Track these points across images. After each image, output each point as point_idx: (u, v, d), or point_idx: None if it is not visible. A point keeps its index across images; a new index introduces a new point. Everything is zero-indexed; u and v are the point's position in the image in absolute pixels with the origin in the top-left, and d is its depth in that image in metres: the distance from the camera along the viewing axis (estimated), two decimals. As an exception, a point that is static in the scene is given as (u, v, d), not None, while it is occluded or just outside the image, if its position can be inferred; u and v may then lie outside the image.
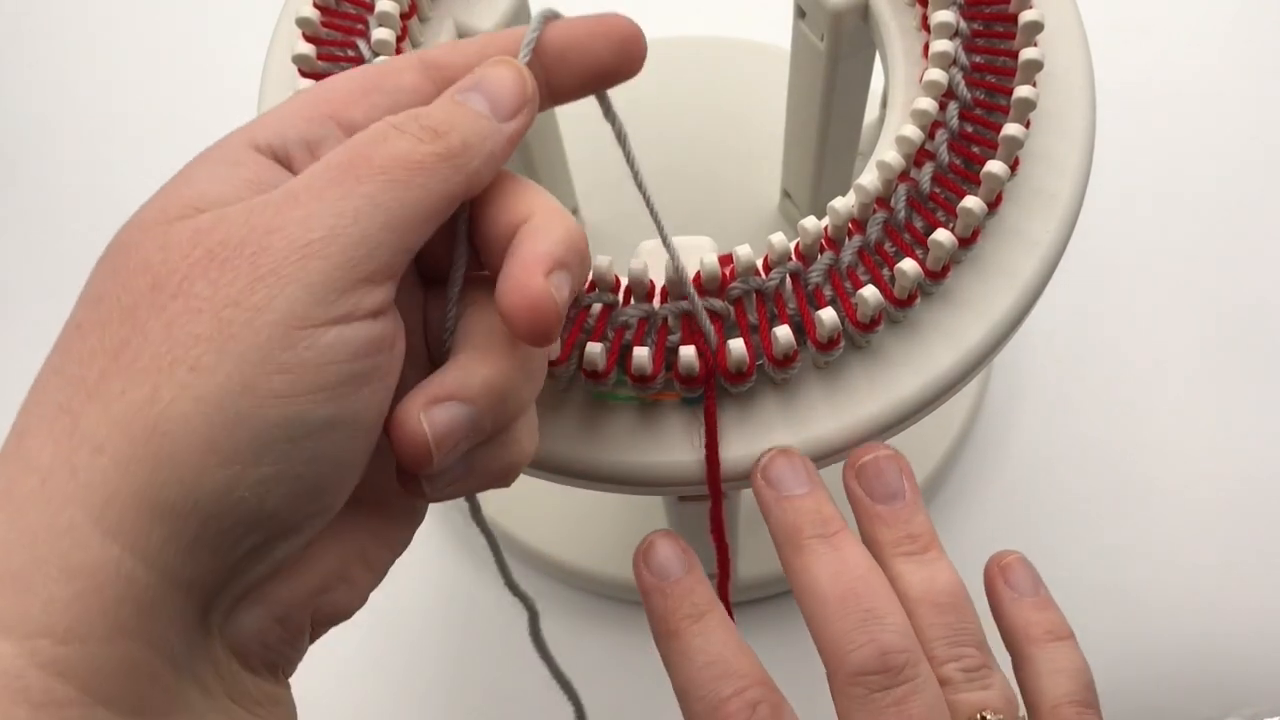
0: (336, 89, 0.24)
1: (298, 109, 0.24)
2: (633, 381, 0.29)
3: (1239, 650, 0.52)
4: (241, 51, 0.45)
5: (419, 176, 0.22)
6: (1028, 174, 0.32)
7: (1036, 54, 0.31)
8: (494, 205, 0.24)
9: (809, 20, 0.41)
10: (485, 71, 0.24)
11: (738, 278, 0.29)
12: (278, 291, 0.20)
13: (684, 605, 0.28)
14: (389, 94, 0.24)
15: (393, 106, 0.24)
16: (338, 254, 0.21)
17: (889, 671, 0.25)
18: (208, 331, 0.20)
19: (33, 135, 0.70)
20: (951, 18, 0.32)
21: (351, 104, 0.24)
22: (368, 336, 0.22)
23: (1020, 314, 0.32)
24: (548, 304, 0.22)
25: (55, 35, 0.73)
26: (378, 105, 0.24)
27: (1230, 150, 0.64)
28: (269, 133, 0.23)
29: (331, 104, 0.24)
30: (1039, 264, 0.32)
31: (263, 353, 0.20)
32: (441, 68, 0.25)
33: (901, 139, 0.30)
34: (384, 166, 0.22)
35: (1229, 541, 0.55)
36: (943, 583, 0.28)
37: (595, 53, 0.26)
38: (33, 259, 0.65)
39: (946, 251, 0.29)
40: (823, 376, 0.30)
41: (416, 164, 0.22)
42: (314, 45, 0.34)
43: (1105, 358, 0.59)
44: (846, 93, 0.44)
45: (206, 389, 0.20)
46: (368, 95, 0.24)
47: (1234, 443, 0.57)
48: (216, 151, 0.23)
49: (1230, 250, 0.61)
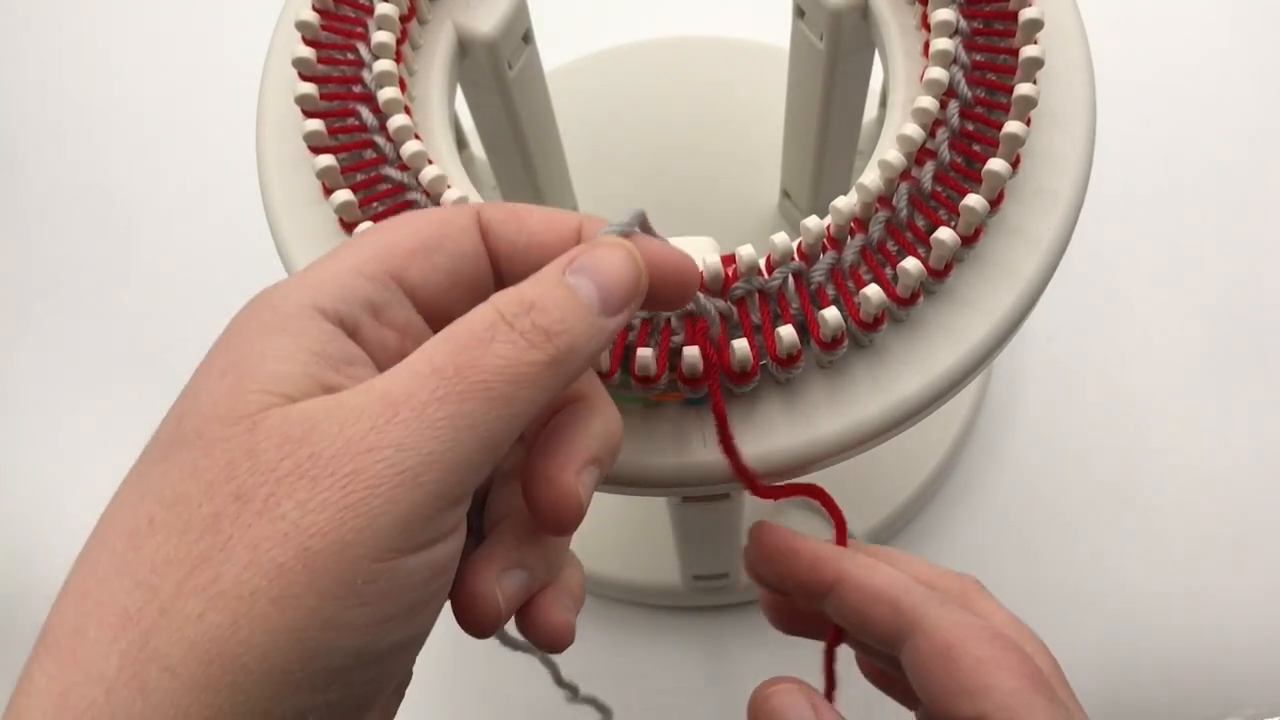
0: (397, 244, 0.23)
1: (357, 265, 0.23)
2: (636, 382, 0.29)
3: (1239, 650, 0.52)
4: (241, 52, 0.45)
5: (524, 390, 0.21)
6: (1029, 172, 0.32)
7: (1037, 51, 0.31)
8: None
9: (808, 20, 0.41)
10: (600, 255, 0.23)
11: (741, 278, 0.29)
12: (366, 524, 0.19)
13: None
14: (451, 257, 0.24)
15: (453, 270, 0.24)
16: (432, 483, 0.20)
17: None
18: (293, 562, 0.19)
19: (32, 136, 0.69)
20: (951, 16, 0.32)
21: (413, 264, 0.23)
22: (444, 556, 0.21)
23: (1022, 312, 0.32)
24: (573, 503, 0.23)
25: (55, 36, 0.73)
26: (439, 267, 0.24)
27: (1231, 150, 0.64)
28: (331, 296, 0.22)
29: (392, 262, 0.23)
30: (1040, 262, 0.32)
31: (346, 587, 0.19)
32: (501, 238, 0.24)
33: (903, 138, 0.30)
34: (489, 381, 0.21)
35: (1229, 542, 0.55)
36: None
37: (662, 285, 0.25)
38: (33, 259, 0.65)
39: (949, 250, 0.29)
40: (826, 376, 0.30)
41: (522, 376, 0.21)
42: (314, 49, 0.34)
43: (1105, 358, 0.59)
44: (846, 92, 0.44)
45: (287, 622, 0.19)
46: (430, 256, 0.23)
47: (1234, 443, 0.57)
48: (276, 316, 0.22)
49: (1231, 250, 0.61)
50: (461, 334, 0.21)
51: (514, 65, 0.41)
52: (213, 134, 0.66)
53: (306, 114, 0.33)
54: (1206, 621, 0.53)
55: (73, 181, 0.68)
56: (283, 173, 0.34)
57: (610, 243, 0.24)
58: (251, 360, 0.21)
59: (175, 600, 0.19)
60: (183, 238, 0.65)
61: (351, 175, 0.32)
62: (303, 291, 0.22)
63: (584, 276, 0.23)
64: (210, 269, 0.63)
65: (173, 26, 0.73)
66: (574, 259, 0.23)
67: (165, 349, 0.61)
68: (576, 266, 0.23)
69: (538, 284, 0.23)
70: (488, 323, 0.21)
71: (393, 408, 0.20)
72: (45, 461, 0.59)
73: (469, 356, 0.21)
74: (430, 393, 0.20)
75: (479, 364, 0.21)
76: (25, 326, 0.63)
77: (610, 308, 0.23)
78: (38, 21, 0.74)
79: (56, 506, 0.58)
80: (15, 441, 0.60)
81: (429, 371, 0.21)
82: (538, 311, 0.22)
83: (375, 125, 0.33)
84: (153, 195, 0.67)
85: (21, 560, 0.57)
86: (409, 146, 0.31)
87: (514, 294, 0.22)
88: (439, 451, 0.20)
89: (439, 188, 0.31)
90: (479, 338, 0.21)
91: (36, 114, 0.70)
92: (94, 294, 0.64)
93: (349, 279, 0.23)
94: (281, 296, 0.22)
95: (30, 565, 0.57)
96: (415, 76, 0.36)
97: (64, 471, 0.59)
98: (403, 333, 0.23)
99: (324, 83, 0.33)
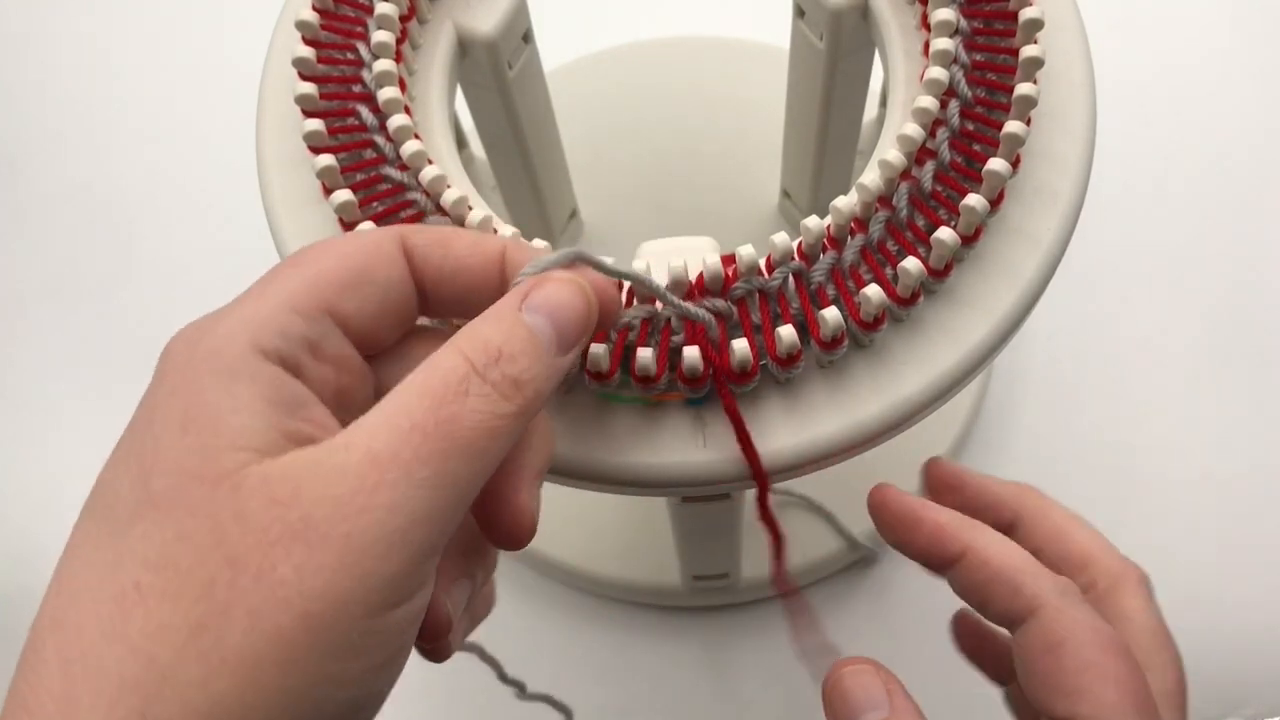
0: (327, 275, 0.23)
1: (290, 300, 0.23)
2: (636, 382, 0.29)
3: (1239, 650, 0.52)
4: (241, 51, 0.44)
5: (497, 442, 0.22)
6: (1029, 171, 0.32)
7: (1037, 51, 0.31)
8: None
9: (808, 20, 0.41)
10: (555, 292, 0.24)
11: (740, 278, 0.29)
12: (361, 584, 0.20)
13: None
14: (380, 286, 0.24)
15: (383, 300, 0.24)
16: (419, 539, 0.20)
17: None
18: (294, 626, 0.19)
19: (33, 136, 0.69)
20: (952, 15, 0.32)
21: (344, 296, 0.23)
22: (423, 601, 0.22)
23: (1023, 312, 0.32)
24: (529, 521, 0.24)
25: (55, 36, 0.73)
26: (370, 298, 0.24)
27: (1231, 149, 0.64)
28: (272, 335, 0.22)
29: (325, 295, 0.23)
30: (1041, 262, 0.32)
31: (344, 645, 0.20)
32: (428, 262, 0.25)
33: (903, 137, 0.30)
34: (468, 437, 0.21)
35: (1229, 541, 0.55)
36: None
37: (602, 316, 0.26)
38: (33, 259, 0.65)
39: (949, 249, 0.29)
40: (826, 376, 0.30)
41: (496, 430, 0.22)
42: (314, 48, 0.34)
43: (1105, 357, 0.59)
44: (846, 91, 0.44)
45: (290, 684, 0.19)
46: (360, 286, 0.24)
47: (1234, 442, 0.57)
48: (222, 361, 0.22)
49: (1231, 250, 0.61)
50: (436, 386, 0.21)
51: (514, 65, 0.41)
52: (213, 134, 0.65)
53: (306, 114, 0.33)
54: (1206, 621, 0.53)
55: (73, 181, 0.68)
56: (283, 172, 0.34)
57: (564, 279, 0.24)
58: (211, 413, 0.21)
59: (176, 667, 0.19)
60: (183, 238, 0.65)
61: (351, 175, 0.32)
62: (243, 332, 0.22)
63: (540, 315, 0.23)
64: (211, 269, 0.63)
65: (173, 26, 0.73)
66: (528, 294, 0.24)
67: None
68: (533, 303, 0.23)
69: (498, 323, 0.23)
70: (460, 374, 0.22)
71: (379, 469, 0.20)
72: (45, 461, 0.59)
73: (448, 412, 0.21)
74: (414, 451, 0.21)
75: (458, 419, 0.21)
76: (25, 326, 0.63)
77: (565, 346, 0.24)
78: (38, 22, 0.74)
79: (56, 506, 0.58)
80: (15, 441, 0.60)
81: (409, 427, 0.21)
82: (506, 360, 0.22)
83: (375, 125, 0.32)
84: (153, 195, 0.67)
85: (21, 560, 0.57)
86: (409, 146, 0.31)
87: (480, 339, 0.22)
88: (424, 510, 0.20)
89: (439, 188, 0.31)
90: (454, 390, 0.21)
91: (37, 114, 0.70)
92: (94, 294, 0.64)
93: (285, 317, 0.22)
94: (224, 339, 0.22)
95: (30, 565, 0.57)
96: (415, 76, 0.36)
97: (64, 471, 0.59)
98: (338, 366, 0.24)
99: (324, 82, 0.33)
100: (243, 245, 0.60)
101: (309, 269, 0.23)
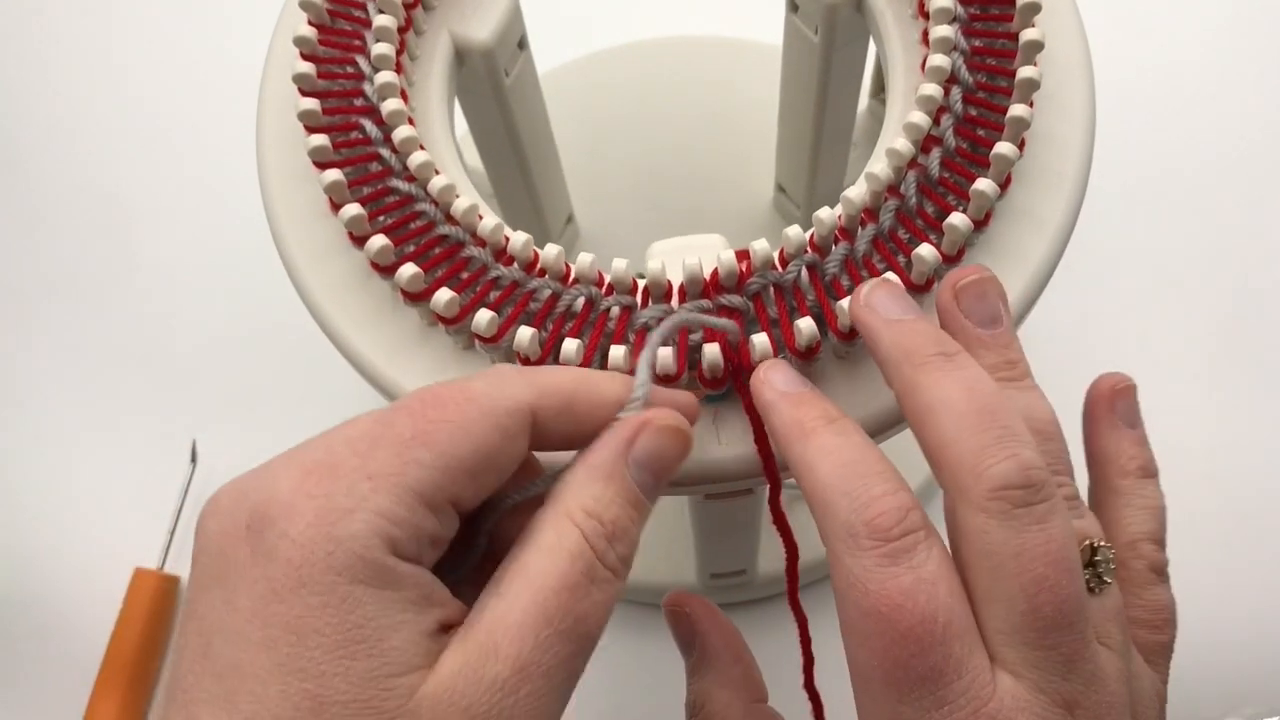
0: (456, 466, 0.23)
1: (420, 493, 0.22)
2: (657, 382, 0.29)
3: (1239, 650, 0.52)
4: (243, 51, 0.44)
5: (607, 621, 0.24)
6: (1033, 155, 0.33)
7: (1037, 34, 0.31)
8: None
9: (802, 13, 0.41)
10: (657, 446, 0.25)
11: (755, 272, 0.29)
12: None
13: (816, 409, 0.26)
14: (504, 471, 0.24)
15: (500, 480, 0.24)
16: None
17: (1032, 487, 0.23)
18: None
19: (34, 136, 0.69)
20: (949, 2, 0.32)
21: (470, 486, 0.23)
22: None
23: (1033, 295, 0.32)
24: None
25: (56, 36, 0.73)
26: (490, 485, 0.24)
27: (1232, 149, 0.64)
28: (407, 537, 0.22)
29: (453, 490, 0.23)
30: (1049, 245, 0.32)
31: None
32: (552, 430, 0.25)
33: (910, 125, 0.30)
34: (594, 633, 0.23)
35: (1229, 541, 0.54)
36: (1041, 410, 0.27)
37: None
38: (34, 259, 0.65)
39: (962, 235, 0.29)
40: (844, 367, 0.30)
41: (612, 610, 0.24)
42: (313, 64, 0.34)
43: (1105, 358, 0.59)
44: (841, 84, 0.44)
45: None
46: (486, 474, 0.24)
47: (1234, 442, 0.57)
48: (365, 568, 0.21)
49: (1231, 250, 0.61)
50: (565, 581, 0.23)
51: (510, 72, 0.41)
52: (215, 135, 0.65)
53: (310, 129, 0.32)
54: (1206, 621, 0.53)
55: (74, 182, 0.67)
56: (285, 187, 0.34)
57: (668, 422, 0.25)
58: (373, 633, 0.21)
59: None
60: (184, 238, 0.65)
61: (358, 189, 0.32)
62: (380, 533, 0.22)
63: (647, 472, 0.25)
64: (212, 269, 0.63)
65: (175, 27, 0.72)
66: (635, 441, 0.25)
67: (167, 350, 0.61)
68: (639, 458, 0.25)
69: (608, 485, 0.24)
70: (585, 564, 0.23)
71: (528, 679, 0.22)
72: (45, 461, 0.59)
73: (580, 611, 0.23)
74: (554, 657, 0.22)
75: (587, 619, 0.23)
76: (26, 326, 0.63)
77: (657, 493, 0.26)
78: (39, 21, 0.73)
79: (57, 506, 0.58)
80: (16, 441, 0.60)
81: (549, 634, 0.22)
82: (619, 538, 0.24)
83: (380, 138, 0.32)
84: (154, 196, 0.66)
85: (22, 560, 0.56)
86: (416, 158, 0.31)
87: (595, 512, 0.24)
88: (558, 705, 0.23)
89: (448, 197, 0.31)
90: (582, 587, 0.23)
91: (38, 114, 0.70)
92: (95, 295, 0.63)
93: (420, 517, 0.22)
94: (362, 542, 0.21)
95: (30, 565, 0.56)
96: (414, 88, 0.36)
97: (64, 471, 0.59)
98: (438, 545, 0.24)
99: (325, 97, 0.33)
100: (244, 246, 0.60)
101: (442, 457, 0.23)
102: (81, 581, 0.56)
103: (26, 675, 0.54)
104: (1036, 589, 0.23)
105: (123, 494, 0.57)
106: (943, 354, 0.25)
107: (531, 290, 0.30)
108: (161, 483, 0.57)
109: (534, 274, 0.30)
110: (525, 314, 0.30)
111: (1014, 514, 0.23)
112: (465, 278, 0.30)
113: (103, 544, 0.56)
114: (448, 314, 0.29)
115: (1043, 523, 0.23)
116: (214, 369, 0.60)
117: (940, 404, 0.24)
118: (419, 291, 0.30)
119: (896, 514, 0.23)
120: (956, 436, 0.24)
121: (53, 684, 0.54)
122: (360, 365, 0.32)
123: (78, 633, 0.54)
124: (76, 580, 0.56)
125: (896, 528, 0.23)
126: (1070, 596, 0.23)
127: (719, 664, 0.30)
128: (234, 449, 0.57)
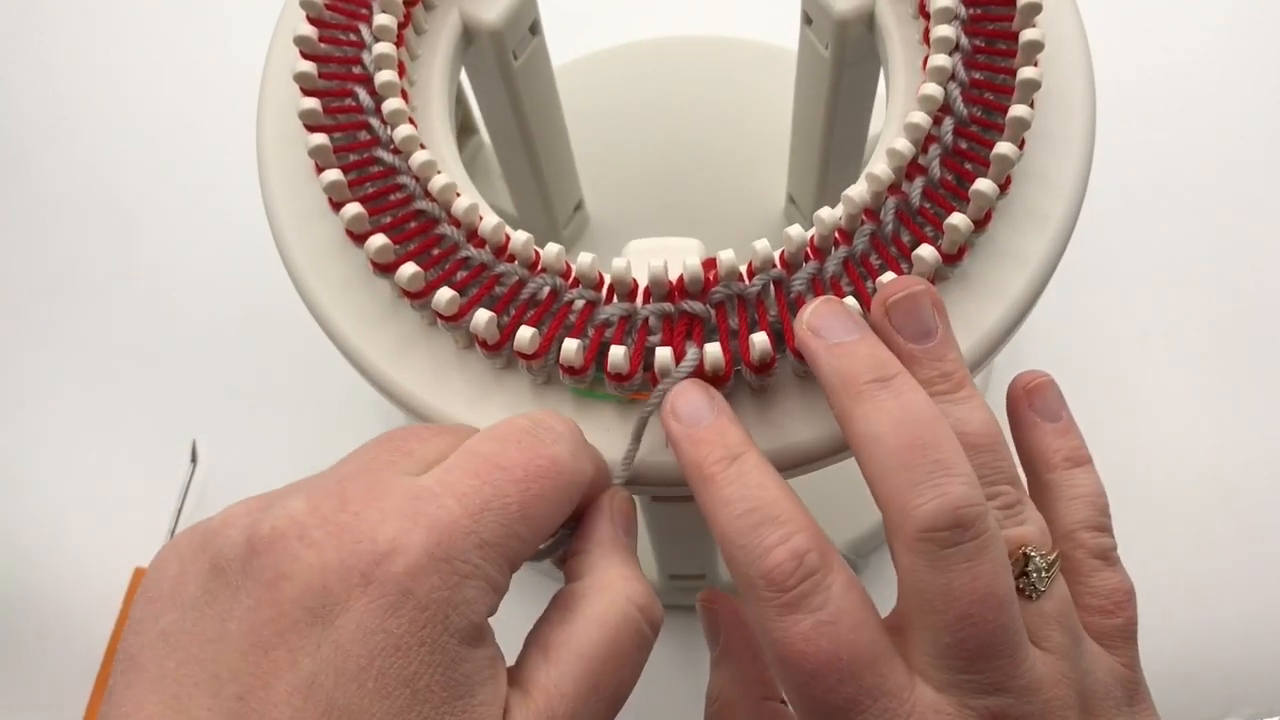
0: (542, 535, 0.25)
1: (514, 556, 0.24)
2: (610, 380, 0.29)
3: (1239, 650, 0.52)
4: (245, 51, 0.44)
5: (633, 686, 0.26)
6: (1020, 193, 0.32)
7: (1035, 74, 0.31)
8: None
9: (815, 28, 0.41)
10: (630, 511, 0.29)
11: (720, 282, 0.29)
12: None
13: (715, 450, 0.26)
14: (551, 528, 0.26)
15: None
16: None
17: (959, 527, 0.24)
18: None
19: (35, 136, 0.69)
20: (952, 33, 0.32)
21: (524, 554, 0.25)
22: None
23: (1007, 329, 0.32)
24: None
25: (56, 35, 0.73)
26: (533, 546, 0.25)
27: (1232, 149, 0.64)
28: (499, 597, 0.24)
29: (530, 552, 0.25)
30: (1027, 283, 0.32)
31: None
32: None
33: (893, 151, 0.30)
34: (626, 694, 0.26)
35: (1228, 541, 0.54)
36: (978, 422, 0.27)
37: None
38: (35, 259, 0.65)
39: (930, 267, 0.29)
40: (802, 386, 0.30)
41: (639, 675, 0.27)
42: (317, 28, 0.34)
43: (1105, 358, 0.59)
44: (851, 101, 0.43)
45: None
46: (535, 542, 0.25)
47: (1234, 443, 0.56)
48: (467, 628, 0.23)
49: (1231, 250, 0.61)
50: (610, 641, 0.25)
51: (519, 56, 0.41)
52: (215, 135, 0.65)
53: (305, 92, 0.33)
54: (1206, 621, 0.52)
55: (75, 182, 0.67)
56: (286, 187, 0.34)
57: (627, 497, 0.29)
58: (467, 693, 0.23)
59: None
60: (185, 238, 0.65)
61: (344, 155, 0.32)
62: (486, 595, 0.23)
63: (631, 536, 0.28)
64: (213, 269, 0.63)
65: (175, 27, 0.72)
66: (613, 510, 0.28)
67: (167, 349, 0.61)
68: (622, 526, 0.28)
69: (629, 560, 0.27)
70: (639, 635, 0.26)
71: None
72: (46, 461, 0.59)
73: (622, 676, 0.25)
74: (598, 717, 0.25)
75: (626, 681, 0.25)
76: (27, 326, 0.63)
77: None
78: (39, 21, 0.73)
79: (57, 506, 0.58)
80: (16, 441, 0.60)
81: (596, 699, 0.24)
82: (649, 609, 0.26)
83: (371, 107, 0.33)
84: (155, 196, 0.66)
85: (22, 560, 0.56)
86: (401, 130, 0.31)
87: (639, 590, 0.26)
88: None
89: (429, 173, 0.31)
90: (625, 651, 0.25)
91: (38, 113, 0.70)
92: (96, 294, 0.64)
93: (507, 580, 0.24)
94: (474, 609, 0.23)
95: (31, 565, 0.56)
96: (418, 61, 0.36)
97: (64, 471, 0.59)
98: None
99: (325, 62, 0.33)
100: (245, 245, 0.60)
101: (535, 534, 0.25)
102: (81, 581, 0.55)
103: (26, 675, 0.54)
104: (961, 625, 0.24)
105: (123, 494, 0.57)
106: (878, 380, 0.25)
107: (498, 274, 0.30)
108: (161, 483, 0.57)
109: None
110: (488, 297, 0.30)
111: (941, 554, 0.24)
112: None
113: (103, 544, 0.56)
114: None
115: (971, 560, 0.24)
116: (214, 369, 0.60)
117: (871, 439, 0.25)
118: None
119: (790, 564, 0.24)
120: (884, 473, 0.24)
121: (53, 684, 0.53)
122: (361, 365, 0.32)
123: (78, 633, 0.54)
124: (76, 580, 0.55)
125: (792, 577, 0.24)
126: (997, 629, 0.24)
127: (736, 660, 0.31)
128: (234, 449, 0.58)
